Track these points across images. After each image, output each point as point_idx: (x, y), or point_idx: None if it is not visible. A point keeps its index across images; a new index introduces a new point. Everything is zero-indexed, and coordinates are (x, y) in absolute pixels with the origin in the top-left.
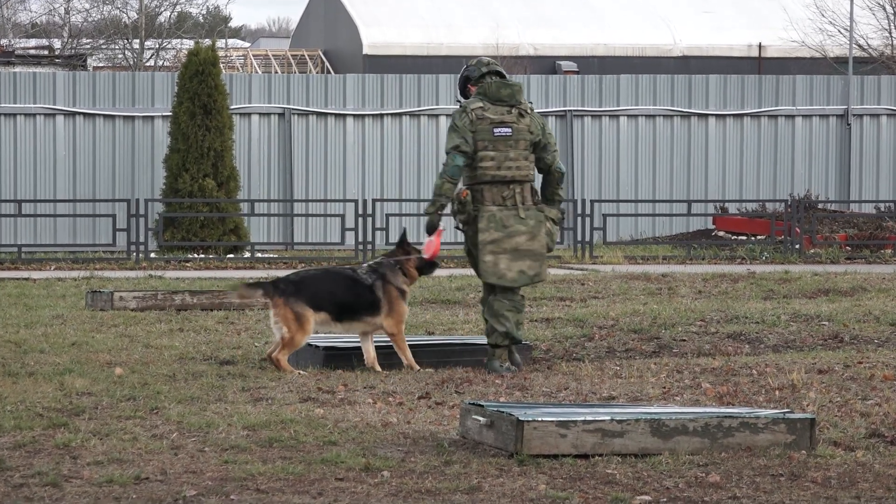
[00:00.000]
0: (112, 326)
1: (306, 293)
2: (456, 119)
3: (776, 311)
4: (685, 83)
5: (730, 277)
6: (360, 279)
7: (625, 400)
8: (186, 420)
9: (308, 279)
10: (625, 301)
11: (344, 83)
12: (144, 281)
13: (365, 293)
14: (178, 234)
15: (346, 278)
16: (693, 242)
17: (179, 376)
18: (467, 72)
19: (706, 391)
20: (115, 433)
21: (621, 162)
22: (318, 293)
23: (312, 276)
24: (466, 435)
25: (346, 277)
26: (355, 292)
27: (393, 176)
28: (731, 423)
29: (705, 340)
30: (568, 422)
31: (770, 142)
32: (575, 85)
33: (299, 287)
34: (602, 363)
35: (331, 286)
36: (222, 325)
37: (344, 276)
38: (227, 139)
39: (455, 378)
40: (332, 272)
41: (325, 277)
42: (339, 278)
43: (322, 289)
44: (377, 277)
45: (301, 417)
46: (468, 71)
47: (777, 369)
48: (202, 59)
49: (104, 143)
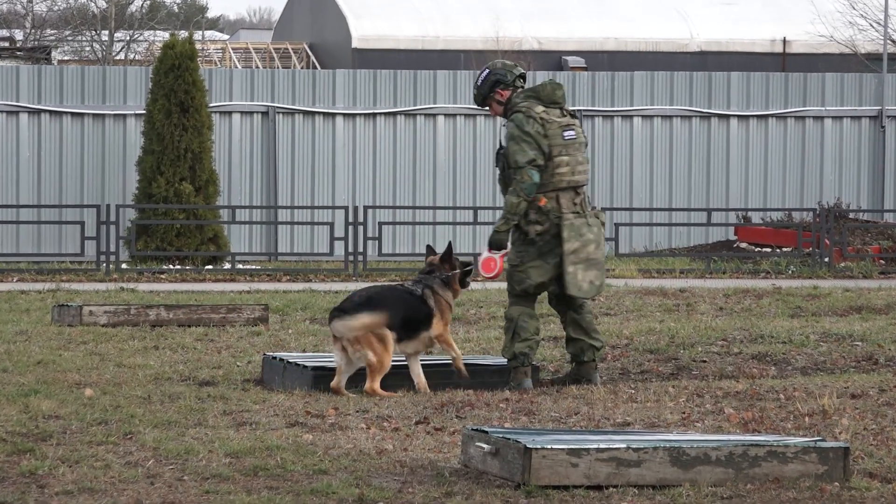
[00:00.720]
0: (81, 343)
1: (380, 311)
2: (524, 126)
3: (804, 331)
4: (705, 81)
5: (753, 293)
6: (413, 291)
7: (641, 426)
8: (163, 446)
9: (375, 297)
10: (639, 318)
11: (333, 79)
12: (116, 294)
13: (421, 307)
14: (151, 243)
15: (404, 292)
16: (713, 255)
17: (155, 398)
18: (497, 75)
19: (729, 417)
20: (85, 460)
21: (635, 166)
22: (389, 312)
23: (376, 292)
24: (469, 463)
25: (403, 291)
26: (415, 307)
27: (386, 181)
28: (757, 452)
29: (728, 362)
30: (580, 450)
31: (797, 145)
32: (585, 82)
33: (372, 307)
34: (616, 386)
35: (395, 302)
36: (201, 342)
37: (402, 291)
38: (206, 140)
39: (456, 401)
40: (388, 287)
41: (387, 292)
42: (399, 293)
43: (391, 305)
44: (425, 287)
45: (288, 444)
46: (498, 74)
47: (806, 393)
48: (178, 53)
49: (72, 144)
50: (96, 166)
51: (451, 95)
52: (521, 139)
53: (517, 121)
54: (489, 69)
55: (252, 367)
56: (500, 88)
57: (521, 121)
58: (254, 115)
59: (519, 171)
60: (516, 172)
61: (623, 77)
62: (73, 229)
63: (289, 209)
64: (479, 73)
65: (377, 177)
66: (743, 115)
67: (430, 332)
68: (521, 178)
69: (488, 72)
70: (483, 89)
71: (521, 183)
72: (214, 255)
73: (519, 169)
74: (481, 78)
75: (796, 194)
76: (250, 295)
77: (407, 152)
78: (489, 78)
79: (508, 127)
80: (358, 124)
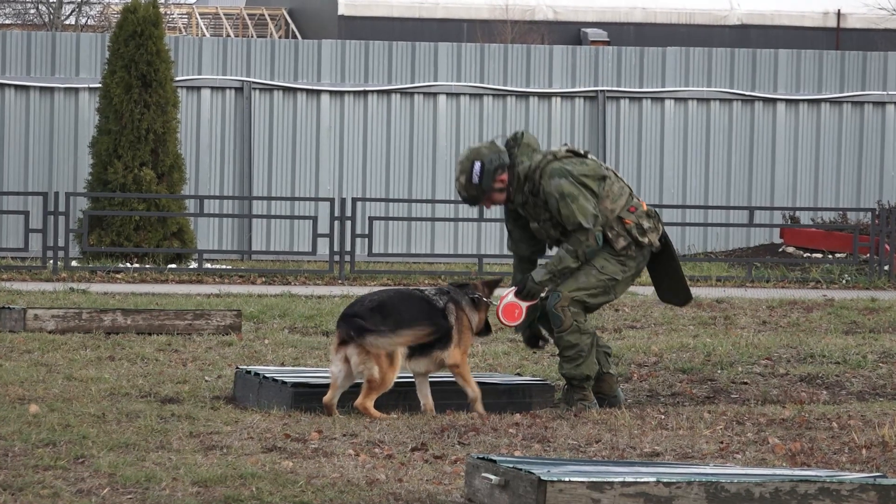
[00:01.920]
0: (25, 352)
1: (391, 321)
2: (576, 169)
3: (861, 349)
4: (748, 59)
5: (802, 305)
6: (433, 301)
7: (672, 457)
8: (120, 472)
9: (387, 304)
10: (670, 333)
11: (319, 51)
12: (65, 296)
13: (440, 320)
14: (106, 237)
15: (422, 300)
16: (755, 260)
17: (110, 416)
18: (495, 162)
19: (774, 448)
20: (30, 487)
21: (666, 157)
22: (401, 321)
23: (388, 297)
24: (474, 497)
25: (421, 299)
26: (433, 319)
27: (378, 169)
28: (807, 489)
29: (772, 384)
30: (602, 483)
31: (854, 135)
32: (609, 59)
33: (383, 314)
34: (642, 410)
35: (410, 311)
36: (163, 352)
37: (419, 298)
38: (171, 119)
39: (458, 425)
40: (404, 293)
41: (401, 299)
42: (416, 302)
43: (404, 316)
44: (450, 300)
45: (265, 472)
46: (495, 161)
47: (863, 422)
48: (140, 18)
49: (15, 121)
50: (43, 148)
51: (455, 71)
52: (574, 197)
53: (570, 165)
54: (479, 160)
55: (222, 383)
56: (500, 175)
57: (573, 166)
58: (226, 90)
59: (585, 233)
60: (580, 233)
61: (654, 53)
62: (16, 220)
63: (265, 201)
64: (464, 171)
65: (368, 165)
66: (792, 100)
67: (444, 353)
68: (587, 240)
69: (480, 164)
70: (486, 183)
71: (587, 247)
72: (179, 253)
73: (584, 230)
74: (476, 173)
75: (852, 192)
76: (220, 299)
77: (403, 137)
78: (486, 168)
79: (549, 187)
80: (346, 103)
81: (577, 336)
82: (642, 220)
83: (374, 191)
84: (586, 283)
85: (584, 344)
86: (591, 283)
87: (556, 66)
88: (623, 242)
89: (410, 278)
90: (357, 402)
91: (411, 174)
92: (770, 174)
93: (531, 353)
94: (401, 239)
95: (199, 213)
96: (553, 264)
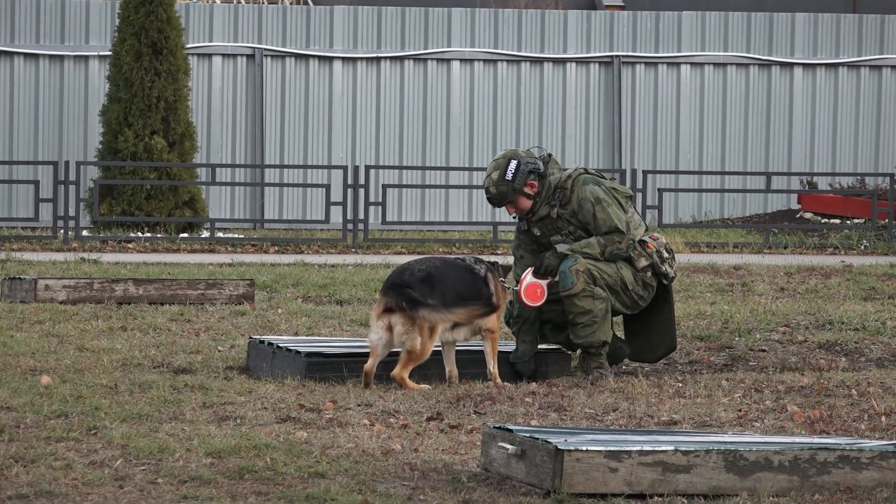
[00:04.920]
0: (36, 323)
1: (438, 292)
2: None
3: (880, 316)
4: (765, 22)
5: (820, 271)
6: (474, 269)
7: (690, 425)
8: (133, 443)
9: (435, 275)
10: (687, 300)
11: (331, 17)
12: (76, 266)
13: (483, 289)
14: (117, 206)
15: (465, 270)
16: (773, 226)
17: (123, 388)
18: (531, 165)
19: (793, 416)
20: (42, 459)
21: (682, 123)
22: (446, 292)
23: (435, 267)
24: (490, 467)
25: (464, 269)
26: (477, 288)
27: (392, 137)
28: (826, 457)
29: (791, 351)
30: (620, 452)
31: (872, 99)
32: (624, 23)
33: (431, 285)
34: (660, 378)
35: (456, 283)
36: (176, 322)
37: (463, 268)
38: (182, 87)
39: (473, 394)
40: (449, 262)
41: (447, 269)
42: (460, 272)
43: (449, 286)
44: (488, 269)
45: (279, 442)
46: (532, 164)
47: (882, 389)
48: None
49: (24, 90)
50: (53, 116)
51: (469, 37)
52: (608, 203)
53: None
54: (516, 160)
55: (236, 353)
56: (532, 179)
57: (597, 180)
58: (238, 58)
59: (620, 235)
60: (616, 235)
61: (669, 17)
62: (26, 190)
63: (278, 169)
64: (499, 168)
65: (381, 132)
66: (809, 64)
67: (483, 320)
68: (621, 242)
69: (517, 163)
70: (518, 183)
71: (618, 248)
72: (191, 222)
73: (621, 233)
74: (511, 170)
75: (870, 157)
76: (233, 268)
77: (416, 103)
78: (522, 168)
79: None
80: (359, 70)
81: (590, 301)
82: (662, 250)
83: (388, 158)
84: (602, 267)
85: (598, 309)
86: (609, 271)
87: (570, 32)
88: (644, 262)
89: (424, 246)
90: (394, 373)
91: (425, 141)
92: (787, 139)
93: None
94: (414, 207)
95: (210, 181)
96: (579, 246)
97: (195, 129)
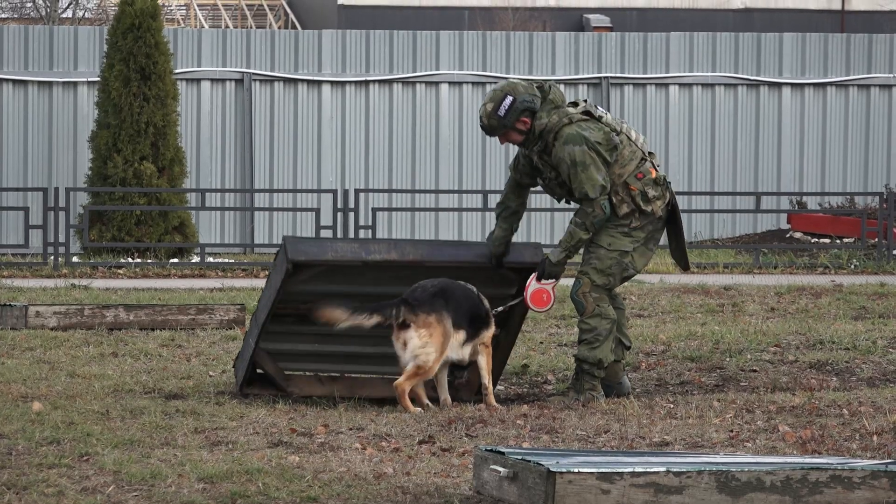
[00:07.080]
0: (27, 350)
1: (451, 307)
2: (591, 136)
3: (871, 335)
4: (752, 43)
5: (810, 291)
6: (469, 288)
7: (682, 446)
8: (125, 469)
9: (447, 289)
10: (678, 321)
11: (319, 41)
12: (66, 292)
13: (480, 306)
14: (107, 232)
15: (467, 289)
16: (762, 246)
17: (114, 414)
18: (526, 102)
19: (785, 436)
20: (35, 486)
21: (671, 143)
22: (458, 308)
23: (447, 283)
24: (482, 490)
25: (466, 288)
26: (477, 306)
27: (381, 160)
28: (818, 477)
29: (782, 371)
30: (612, 474)
31: (860, 119)
32: (612, 45)
33: (446, 299)
34: (651, 399)
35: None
36: (167, 348)
37: (465, 287)
38: (171, 112)
39: (465, 417)
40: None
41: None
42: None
43: (462, 301)
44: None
45: (271, 467)
46: (526, 102)
47: (874, 408)
48: (138, 10)
49: (14, 117)
50: (42, 143)
51: (457, 60)
52: (585, 166)
53: (584, 129)
54: (512, 95)
55: (227, 378)
56: (526, 117)
57: (586, 130)
58: (226, 82)
59: (591, 203)
60: (587, 204)
61: (657, 38)
62: (16, 216)
63: (267, 193)
64: (494, 100)
65: (370, 155)
66: (797, 84)
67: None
68: (593, 210)
69: (512, 99)
70: (509, 119)
71: (594, 217)
72: (181, 247)
73: (590, 201)
74: (505, 106)
75: (859, 176)
76: (223, 293)
77: (405, 126)
78: (516, 106)
79: (562, 153)
80: (348, 94)
81: (597, 320)
82: (648, 188)
83: (377, 181)
84: (600, 265)
85: (603, 328)
86: (604, 266)
87: (558, 53)
88: (626, 209)
89: None
90: (397, 383)
91: (414, 164)
92: (776, 159)
93: (538, 344)
94: (404, 229)
95: (200, 206)
96: (566, 241)
97: (184, 153)
